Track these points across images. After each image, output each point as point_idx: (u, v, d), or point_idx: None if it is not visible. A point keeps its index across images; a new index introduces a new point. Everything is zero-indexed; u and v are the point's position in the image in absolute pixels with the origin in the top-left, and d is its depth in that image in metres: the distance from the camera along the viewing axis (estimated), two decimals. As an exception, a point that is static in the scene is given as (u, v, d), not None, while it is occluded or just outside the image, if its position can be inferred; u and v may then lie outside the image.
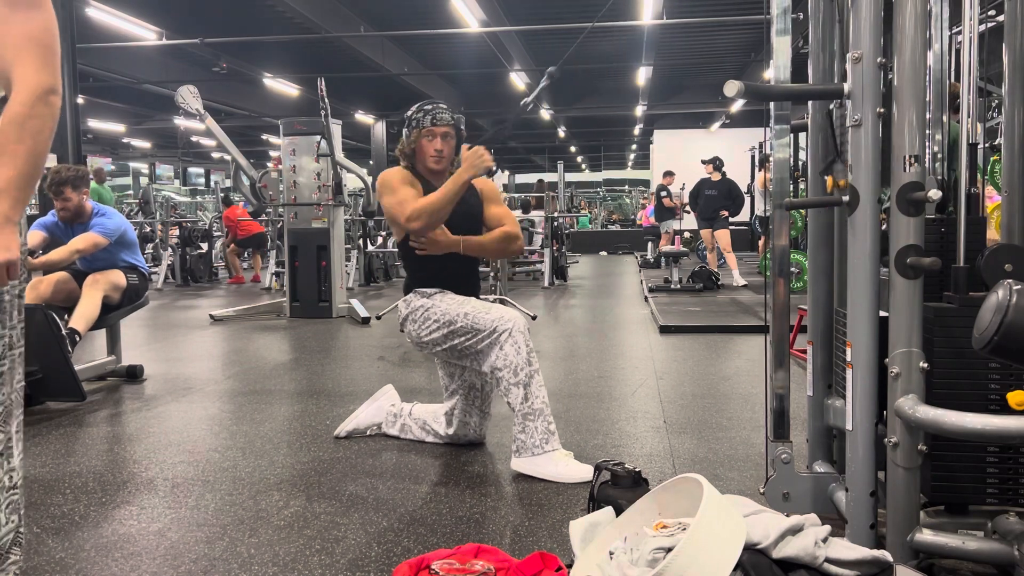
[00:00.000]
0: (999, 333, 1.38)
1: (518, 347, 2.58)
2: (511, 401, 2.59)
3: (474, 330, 2.62)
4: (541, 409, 2.58)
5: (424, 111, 2.79)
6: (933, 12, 1.90)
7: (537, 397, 2.58)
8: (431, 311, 2.71)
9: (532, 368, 2.59)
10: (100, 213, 4.10)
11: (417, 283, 2.79)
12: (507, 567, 1.76)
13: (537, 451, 2.56)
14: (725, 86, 1.75)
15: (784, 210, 2.05)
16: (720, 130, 20.21)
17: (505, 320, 2.59)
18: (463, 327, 2.63)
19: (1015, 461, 1.71)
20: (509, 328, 2.58)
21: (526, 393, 2.57)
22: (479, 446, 2.92)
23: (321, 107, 6.31)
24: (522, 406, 2.57)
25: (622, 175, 36.97)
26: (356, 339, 5.68)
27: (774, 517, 1.62)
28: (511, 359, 2.57)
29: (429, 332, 2.71)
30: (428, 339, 2.73)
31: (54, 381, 3.49)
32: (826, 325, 2.09)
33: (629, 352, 4.98)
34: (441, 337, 2.69)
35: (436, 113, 2.78)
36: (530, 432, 2.56)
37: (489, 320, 2.60)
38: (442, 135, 2.77)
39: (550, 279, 9.55)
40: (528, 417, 2.57)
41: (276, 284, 9.37)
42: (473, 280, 2.89)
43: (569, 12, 11.27)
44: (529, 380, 2.58)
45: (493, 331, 2.59)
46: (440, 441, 2.93)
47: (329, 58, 13.85)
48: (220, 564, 1.96)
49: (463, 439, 2.90)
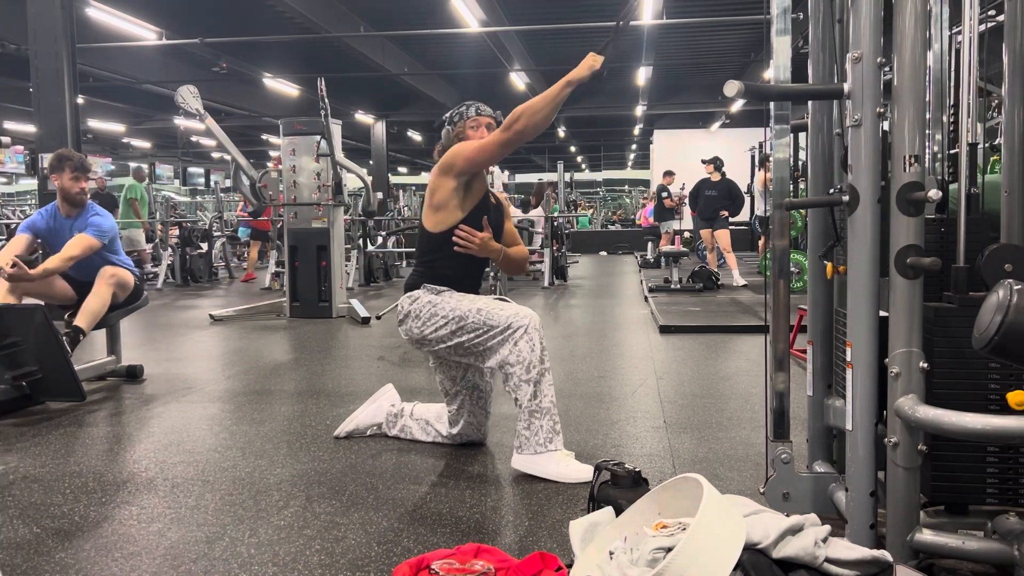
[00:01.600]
0: (999, 333, 1.38)
1: (533, 344, 2.57)
2: (519, 397, 2.58)
3: (487, 326, 2.60)
4: (548, 408, 2.58)
5: (466, 105, 2.85)
6: (933, 12, 1.90)
7: (546, 396, 2.58)
8: (439, 307, 2.68)
9: (544, 366, 2.58)
10: (95, 212, 4.05)
11: (428, 279, 2.76)
12: (507, 567, 1.76)
13: (540, 449, 2.55)
14: (725, 86, 1.75)
15: (784, 210, 2.05)
16: (720, 130, 20.20)
17: (521, 316, 2.59)
18: (474, 323, 2.61)
19: (1015, 461, 1.71)
20: (525, 325, 2.57)
21: (535, 391, 2.56)
22: (480, 446, 2.92)
23: (321, 107, 6.31)
24: (530, 403, 2.57)
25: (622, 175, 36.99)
26: (356, 339, 5.68)
27: (774, 517, 1.62)
28: (525, 355, 2.56)
29: (435, 328, 2.68)
30: (432, 336, 2.69)
31: (54, 381, 3.49)
32: (826, 325, 2.09)
33: (629, 352, 4.98)
34: (448, 334, 2.66)
35: (478, 106, 2.85)
36: (535, 429, 2.56)
37: (504, 316, 2.59)
38: (486, 125, 2.80)
39: (550, 279, 9.55)
40: (535, 414, 2.57)
41: (276, 284, 9.37)
42: (479, 280, 2.90)
43: (569, 12, 11.26)
44: (540, 378, 2.57)
45: (508, 327, 2.58)
46: (442, 441, 2.93)
47: (329, 58, 13.85)
48: (220, 564, 1.96)
49: (466, 439, 2.90)
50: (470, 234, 2.69)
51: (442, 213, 2.72)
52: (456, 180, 2.69)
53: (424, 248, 2.81)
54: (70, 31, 7.00)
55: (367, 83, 15.97)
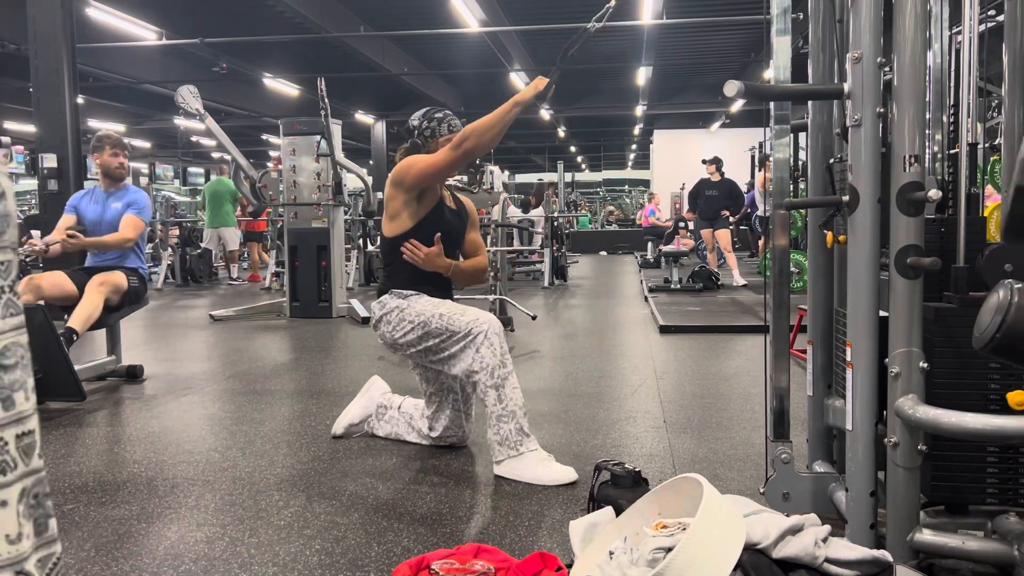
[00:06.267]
0: (1000, 333, 1.38)
1: (493, 349, 2.56)
2: (487, 403, 2.58)
3: (448, 331, 2.60)
4: (514, 411, 2.56)
5: (436, 120, 2.79)
6: (933, 12, 1.90)
7: (511, 399, 2.56)
8: (406, 312, 2.69)
9: (507, 370, 2.57)
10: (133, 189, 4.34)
11: (394, 284, 2.77)
12: (507, 567, 1.76)
13: (512, 452, 2.54)
14: (725, 86, 1.75)
15: (784, 210, 2.05)
16: (720, 130, 20.22)
17: (480, 322, 2.58)
18: (437, 328, 2.62)
19: (1015, 461, 1.71)
20: (484, 330, 2.57)
21: (499, 395, 2.56)
22: (480, 446, 2.91)
23: (321, 107, 6.31)
24: (495, 407, 2.56)
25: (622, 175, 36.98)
26: (356, 339, 5.68)
27: (774, 517, 1.62)
28: (487, 361, 2.56)
29: (403, 334, 2.69)
30: (403, 340, 2.71)
31: (54, 381, 3.49)
32: (826, 325, 2.09)
33: (629, 352, 4.98)
34: (415, 339, 2.67)
35: (450, 120, 2.80)
36: (504, 434, 2.55)
37: (464, 322, 2.59)
38: None
39: (550, 279, 9.55)
40: (502, 419, 2.56)
41: (276, 284, 9.37)
42: (447, 283, 2.88)
43: (569, 12, 11.27)
44: (503, 382, 2.56)
45: (468, 333, 2.58)
46: (423, 442, 2.92)
47: (329, 58, 13.85)
48: (220, 564, 1.96)
49: (446, 441, 2.89)
50: (416, 248, 2.71)
51: (396, 222, 2.75)
52: (407, 193, 2.71)
53: (385, 253, 2.84)
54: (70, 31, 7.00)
55: (367, 83, 15.98)
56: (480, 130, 2.54)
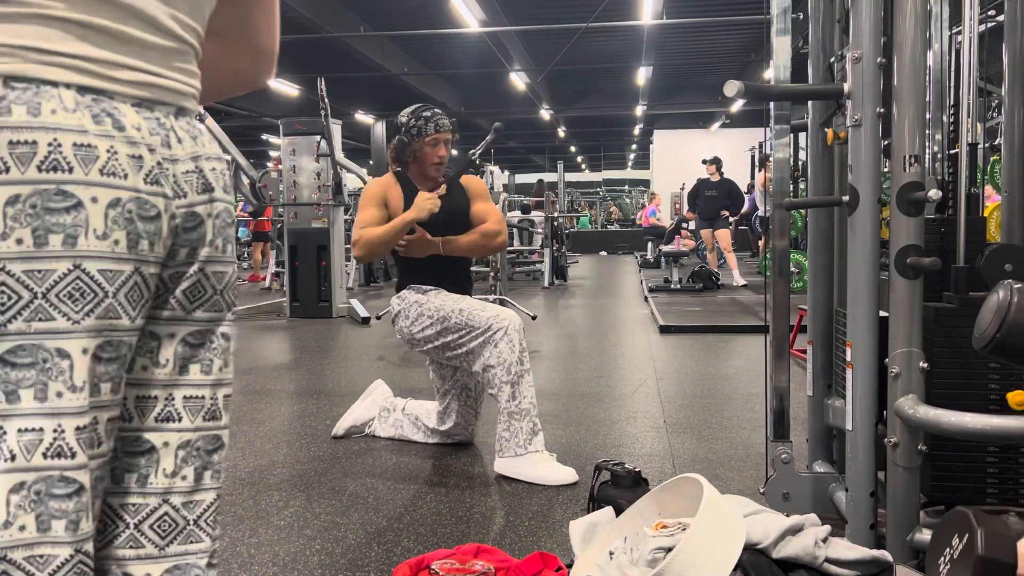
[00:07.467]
0: (1000, 333, 1.38)
1: (512, 345, 2.57)
2: (499, 399, 2.58)
3: (468, 327, 2.61)
4: (528, 409, 2.57)
5: (424, 118, 2.77)
6: (933, 12, 1.90)
7: (525, 397, 2.57)
8: (425, 307, 2.70)
9: (523, 367, 2.58)
10: None
11: (413, 279, 2.79)
12: (507, 567, 1.76)
13: (520, 451, 2.54)
14: (725, 86, 1.75)
15: (784, 210, 2.05)
16: (720, 130, 20.21)
17: (501, 318, 2.59)
18: (457, 323, 2.62)
19: (1015, 461, 1.71)
20: (505, 326, 2.58)
21: (514, 391, 2.56)
22: (479, 446, 2.91)
23: (321, 107, 6.31)
24: (509, 404, 2.56)
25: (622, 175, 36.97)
26: (356, 339, 5.68)
27: (774, 517, 1.62)
28: (505, 357, 2.56)
29: (422, 328, 2.70)
30: (420, 336, 2.71)
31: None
32: (826, 325, 2.09)
33: (629, 352, 4.98)
34: (434, 334, 2.68)
35: (437, 120, 2.78)
36: (515, 431, 2.55)
37: (485, 317, 2.60)
38: (444, 141, 2.79)
39: (550, 279, 9.55)
40: (514, 416, 2.56)
41: (276, 284, 9.37)
42: (464, 278, 2.89)
43: (569, 12, 11.27)
44: (519, 379, 2.57)
45: (488, 328, 2.58)
46: (430, 439, 2.92)
47: (329, 58, 13.84)
48: (220, 564, 1.95)
49: (454, 437, 2.89)
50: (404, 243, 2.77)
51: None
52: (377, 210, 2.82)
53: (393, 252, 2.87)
54: (70, 31, 6.99)
55: (367, 83, 15.96)
56: (372, 243, 2.71)
